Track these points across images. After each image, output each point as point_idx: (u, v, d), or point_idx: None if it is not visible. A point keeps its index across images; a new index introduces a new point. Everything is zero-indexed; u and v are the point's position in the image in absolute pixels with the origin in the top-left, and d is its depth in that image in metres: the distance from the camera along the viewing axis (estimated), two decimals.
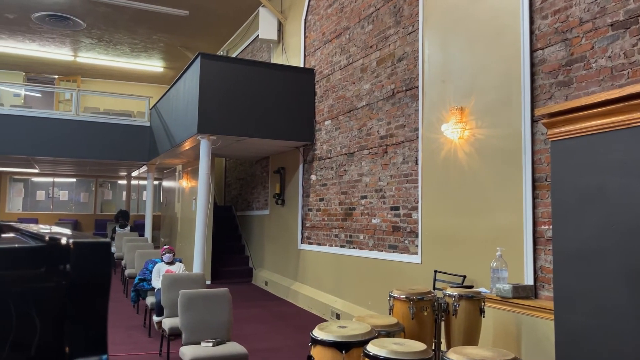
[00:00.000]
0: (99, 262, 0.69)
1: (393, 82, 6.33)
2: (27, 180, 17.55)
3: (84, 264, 0.68)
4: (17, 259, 0.68)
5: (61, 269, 0.69)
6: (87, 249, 0.69)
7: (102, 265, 0.70)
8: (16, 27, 12.20)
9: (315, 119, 8.27)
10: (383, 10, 6.60)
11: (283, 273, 9.27)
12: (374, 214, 6.55)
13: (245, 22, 11.74)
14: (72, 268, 0.68)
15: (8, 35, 12.78)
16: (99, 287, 0.69)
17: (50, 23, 11.85)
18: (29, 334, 0.68)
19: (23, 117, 11.02)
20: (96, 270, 0.69)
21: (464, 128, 5.12)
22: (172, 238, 13.66)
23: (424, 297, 3.59)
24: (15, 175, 17.14)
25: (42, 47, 13.76)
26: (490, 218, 4.71)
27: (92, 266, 0.69)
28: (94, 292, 0.68)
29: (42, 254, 0.69)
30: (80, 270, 0.68)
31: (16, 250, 0.68)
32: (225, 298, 4.53)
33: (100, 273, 0.69)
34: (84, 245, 0.69)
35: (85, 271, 0.68)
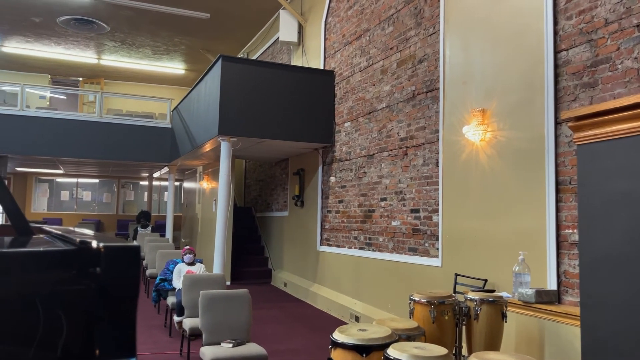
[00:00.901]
0: (128, 266, 0.70)
1: (413, 83, 6.29)
2: (52, 180, 17.90)
3: (114, 268, 0.69)
4: (49, 262, 0.69)
5: (92, 273, 0.70)
6: (118, 253, 0.70)
7: (132, 269, 0.71)
8: (42, 30, 12.46)
9: (335, 121, 8.26)
10: (404, 11, 6.58)
11: (302, 274, 9.28)
12: (393, 216, 6.52)
13: (266, 24, 11.81)
14: (103, 271, 0.69)
15: (34, 38, 13.06)
16: (128, 291, 0.69)
17: (75, 27, 12.07)
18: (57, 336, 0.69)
19: (48, 118, 11.25)
20: (126, 274, 0.70)
21: (486, 130, 5.07)
22: (192, 238, 13.78)
23: (445, 301, 3.56)
24: (40, 176, 17.50)
25: (67, 50, 14.02)
26: (512, 221, 4.65)
27: (122, 270, 0.70)
28: (124, 295, 0.69)
29: (74, 258, 0.70)
30: (110, 274, 0.69)
31: (49, 253, 0.69)
32: (245, 299, 4.55)
33: (130, 277, 0.70)
34: (114, 250, 0.70)
35: (115, 275, 0.69)
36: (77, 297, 0.68)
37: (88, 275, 0.70)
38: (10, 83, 13.60)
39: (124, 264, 0.70)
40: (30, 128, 10.95)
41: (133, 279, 0.71)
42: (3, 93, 13.62)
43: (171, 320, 6.47)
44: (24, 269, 0.68)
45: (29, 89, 12.36)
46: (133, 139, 11.80)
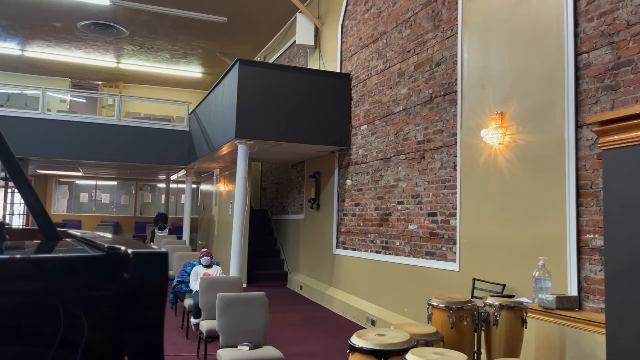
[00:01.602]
0: (157, 272, 0.71)
1: (431, 86, 6.26)
2: (72, 183, 18.17)
3: (142, 274, 0.70)
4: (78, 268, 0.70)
5: (120, 278, 0.70)
6: (146, 259, 0.71)
7: (160, 275, 0.71)
8: (63, 35, 12.67)
9: (351, 124, 8.26)
10: (421, 14, 6.55)
11: (318, 278, 9.27)
12: (410, 220, 6.48)
13: (283, 28, 11.85)
14: (131, 277, 0.69)
15: (55, 43, 13.28)
16: (156, 297, 0.70)
17: (95, 31, 12.25)
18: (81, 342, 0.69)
19: (68, 122, 11.42)
20: (154, 280, 0.70)
21: (505, 133, 5.02)
22: (209, 241, 13.87)
23: (464, 306, 3.52)
24: (60, 178, 17.77)
25: (87, 55, 14.23)
26: (531, 226, 4.59)
27: (150, 276, 0.70)
28: (151, 301, 0.70)
29: (102, 263, 0.71)
30: (138, 280, 0.69)
31: (78, 259, 0.70)
32: (261, 302, 4.56)
33: (158, 283, 0.71)
34: (142, 255, 0.71)
35: (143, 280, 0.70)
36: (104, 303, 0.69)
37: (116, 281, 0.70)
38: (32, 87, 13.85)
39: (152, 270, 0.70)
40: (51, 131, 11.13)
41: (161, 285, 0.71)
42: (25, 96, 13.86)
43: (188, 322, 6.51)
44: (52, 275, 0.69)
45: (49, 93, 12.57)
46: (151, 141, 11.93)
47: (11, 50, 13.81)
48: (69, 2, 10.62)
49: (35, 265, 0.68)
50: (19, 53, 14.04)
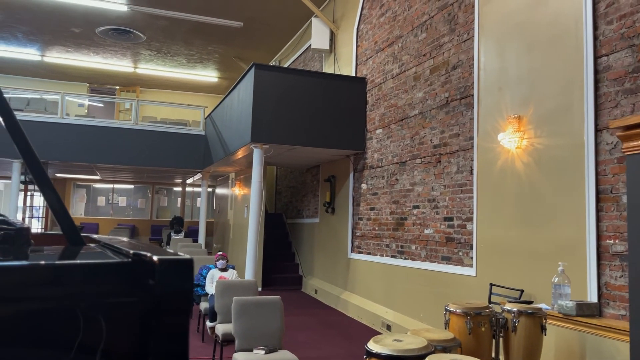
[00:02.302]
0: (182, 279, 0.71)
1: (447, 90, 6.23)
2: (89, 186, 18.40)
3: (168, 280, 0.70)
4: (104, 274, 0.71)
5: (145, 285, 0.71)
6: (172, 266, 0.71)
7: (185, 281, 0.71)
8: (82, 40, 12.85)
9: (367, 128, 8.24)
10: (437, 18, 6.52)
11: (333, 282, 9.26)
12: (426, 224, 6.45)
13: (298, 32, 11.89)
14: (156, 284, 0.70)
15: (74, 48, 13.48)
16: (181, 303, 0.70)
17: (112, 36, 12.42)
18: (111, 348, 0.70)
19: (86, 126, 11.58)
20: (179, 287, 0.71)
21: (522, 137, 4.97)
22: (224, 244, 13.93)
23: (482, 312, 3.49)
24: (78, 181, 18.01)
25: (104, 60, 14.42)
26: (550, 231, 4.53)
27: (175, 282, 0.70)
28: (177, 308, 0.70)
29: (128, 270, 0.72)
30: (164, 286, 0.70)
31: (103, 265, 0.71)
32: (277, 306, 4.56)
33: (183, 289, 0.71)
34: (168, 262, 0.71)
35: (169, 287, 0.70)
36: (129, 309, 0.69)
37: (141, 288, 0.70)
38: (51, 92, 14.07)
39: (178, 277, 0.71)
40: (69, 135, 11.29)
41: (186, 292, 0.71)
42: (44, 101, 14.09)
43: (204, 326, 6.54)
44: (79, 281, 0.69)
45: (68, 98, 12.75)
46: (167, 145, 12.03)
47: (31, 55, 14.05)
48: (87, 8, 10.78)
49: (61, 272, 0.69)
50: (39, 58, 14.28)
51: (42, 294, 0.68)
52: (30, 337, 0.66)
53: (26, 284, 0.68)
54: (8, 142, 10.44)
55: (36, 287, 0.68)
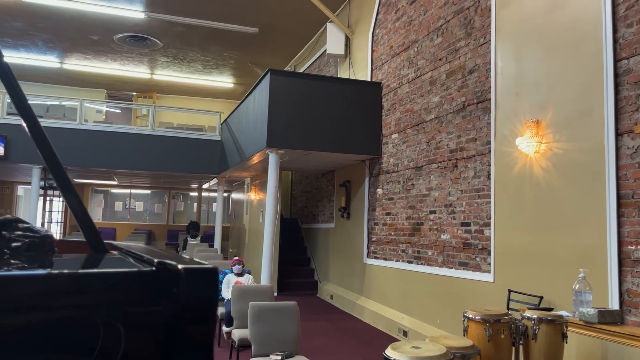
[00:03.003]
0: (207, 288, 0.71)
1: (464, 94, 6.19)
2: (107, 191, 18.61)
3: (193, 290, 0.70)
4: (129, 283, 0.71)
5: (170, 294, 0.71)
6: (197, 275, 0.71)
7: (210, 290, 0.71)
8: (100, 47, 13.04)
9: (382, 133, 8.22)
10: (453, 22, 6.49)
11: (348, 287, 9.22)
12: (443, 230, 6.40)
13: (313, 37, 11.93)
14: (181, 293, 0.69)
15: (93, 55, 13.68)
16: (206, 313, 0.70)
17: (130, 43, 12.57)
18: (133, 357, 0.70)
19: (104, 132, 11.72)
20: (204, 296, 0.70)
21: (540, 142, 4.91)
22: (240, 249, 13.97)
23: (501, 319, 3.44)
24: (96, 187, 18.22)
25: (122, 66, 14.60)
26: (569, 236, 4.47)
27: (200, 292, 0.70)
28: (201, 317, 0.70)
29: (153, 279, 0.72)
30: (189, 296, 0.70)
31: (129, 274, 0.71)
32: (293, 311, 4.56)
33: (208, 298, 0.71)
34: (193, 271, 0.71)
35: (193, 296, 0.70)
36: (153, 318, 0.69)
37: (166, 296, 0.70)
38: (70, 98, 14.28)
39: (203, 286, 0.70)
40: (88, 141, 11.43)
41: (211, 301, 0.71)
42: (63, 108, 14.30)
43: (220, 331, 6.55)
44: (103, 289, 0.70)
45: (87, 104, 12.93)
46: (184, 151, 12.12)
47: (51, 63, 14.28)
48: (106, 16, 10.94)
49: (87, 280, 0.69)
50: (58, 66, 14.51)
51: (67, 303, 0.68)
52: (53, 346, 0.67)
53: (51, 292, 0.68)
54: (28, 149, 10.63)
55: (61, 295, 0.68)
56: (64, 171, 1.17)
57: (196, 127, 14.33)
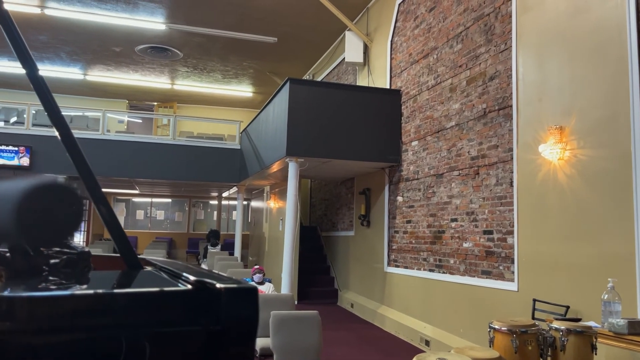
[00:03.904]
0: (248, 308, 0.71)
1: (484, 101, 6.13)
2: (129, 200, 18.85)
3: (234, 309, 0.70)
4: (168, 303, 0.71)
5: (209, 313, 0.71)
6: (237, 295, 0.71)
7: (251, 310, 0.71)
8: (122, 59, 13.27)
9: (402, 140, 8.19)
10: (473, 29, 6.46)
11: (369, 296, 9.17)
12: (465, 238, 6.33)
13: (331, 46, 11.96)
14: (222, 313, 0.69)
15: (115, 67, 13.92)
16: (247, 333, 0.70)
17: (151, 54, 12.77)
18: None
19: (126, 142, 11.90)
20: (245, 316, 0.70)
21: (564, 148, 4.84)
22: (259, 257, 14.01)
23: (528, 330, 3.38)
24: (118, 196, 18.47)
25: (143, 77, 14.83)
26: (596, 245, 4.38)
27: (241, 311, 0.70)
28: (242, 337, 0.69)
29: (192, 298, 0.72)
30: (229, 316, 0.69)
31: (167, 294, 0.71)
32: (315, 320, 4.55)
33: (249, 319, 0.70)
34: (234, 291, 0.71)
35: (234, 316, 0.70)
36: (192, 338, 0.69)
37: (205, 316, 0.70)
38: (93, 109, 14.54)
39: (244, 305, 0.70)
40: (110, 151, 11.61)
41: (253, 321, 0.71)
42: (86, 118, 14.56)
43: None
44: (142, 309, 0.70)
45: (109, 114, 13.15)
46: (204, 160, 12.23)
47: (74, 74, 14.57)
48: (128, 28, 11.14)
49: (125, 300, 0.70)
50: (82, 77, 14.80)
51: (104, 322, 0.69)
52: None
53: (88, 312, 0.69)
54: (53, 159, 10.83)
55: (98, 315, 0.69)
56: (97, 182, 1.19)
57: (216, 136, 14.46)
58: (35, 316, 0.65)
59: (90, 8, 10.24)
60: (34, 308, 0.65)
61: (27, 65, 1.20)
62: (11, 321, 0.65)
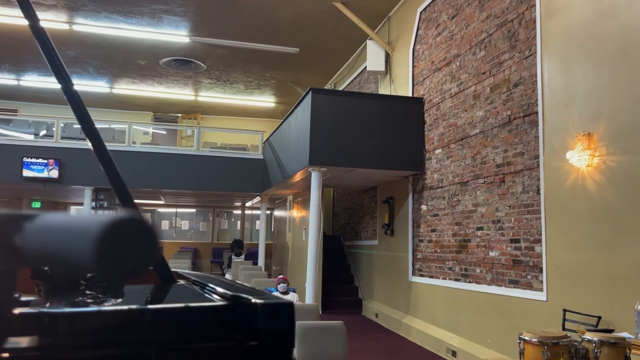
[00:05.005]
0: (284, 324, 0.71)
1: (509, 108, 6.06)
2: (154, 211, 19.10)
3: (271, 325, 0.70)
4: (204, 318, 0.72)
5: (245, 329, 0.71)
6: (274, 310, 0.71)
7: (288, 326, 0.71)
8: (147, 72, 13.52)
9: (425, 148, 8.13)
10: (496, 35, 6.40)
11: (394, 305, 9.09)
12: (491, 247, 6.23)
13: (353, 55, 11.99)
14: (259, 329, 0.70)
15: (140, 79, 14.19)
16: (284, 349, 0.70)
17: (175, 67, 12.98)
18: None
19: (151, 153, 12.08)
20: (282, 332, 0.70)
21: (593, 155, 4.75)
22: (283, 266, 14.02)
23: (560, 342, 3.31)
24: (144, 206, 18.74)
25: (167, 89, 15.08)
26: (628, 253, 4.27)
27: (278, 327, 0.70)
28: (279, 353, 0.70)
29: (228, 313, 0.72)
30: (266, 332, 0.70)
31: (204, 309, 0.72)
32: (340, 331, 4.52)
33: (286, 334, 0.71)
34: (271, 307, 0.71)
35: (271, 332, 0.70)
36: (228, 354, 0.70)
37: (240, 332, 0.71)
38: (119, 121, 14.83)
39: (281, 322, 0.70)
40: (136, 162, 11.80)
41: (289, 337, 0.71)
42: (112, 130, 14.85)
43: None
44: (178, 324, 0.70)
45: (135, 126, 13.38)
46: (227, 170, 12.34)
47: (101, 88, 14.89)
48: (152, 41, 11.35)
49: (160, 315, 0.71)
50: (108, 90, 15.11)
51: (140, 338, 0.69)
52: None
53: (128, 326, 0.70)
54: (81, 171, 11.06)
55: (134, 330, 0.70)
56: (129, 193, 1.21)
57: (239, 146, 14.58)
58: (76, 331, 0.66)
59: (117, 23, 10.47)
60: (75, 323, 0.67)
61: (62, 80, 1.23)
62: (52, 337, 0.66)
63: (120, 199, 1.19)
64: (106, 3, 9.63)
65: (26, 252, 0.55)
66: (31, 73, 13.82)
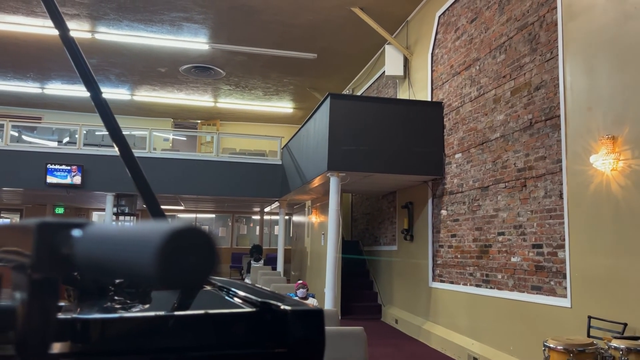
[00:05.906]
0: (315, 331, 0.71)
1: (530, 111, 5.99)
2: (174, 216, 19.27)
3: (301, 333, 0.70)
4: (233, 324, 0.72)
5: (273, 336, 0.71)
6: (304, 317, 0.71)
7: (318, 334, 0.71)
8: (167, 79, 13.69)
9: (445, 153, 8.07)
10: (516, 38, 6.34)
11: (413, 311, 9.01)
12: (513, 252, 6.15)
13: (371, 60, 11.98)
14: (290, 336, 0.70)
15: (160, 87, 14.38)
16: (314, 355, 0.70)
17: (195, 74, 13.13)
18: None
19: (171, 159, 12.21)
20: (313, 339, 0.70)
21: (617, 159, 4.66)
22: (302, 272, 14.02)
23: (586, 349, 3.24)
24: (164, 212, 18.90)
25: (187, 96, 15.24)
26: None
27: (309, 335, 0.70)
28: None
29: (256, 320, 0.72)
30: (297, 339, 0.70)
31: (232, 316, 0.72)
32: (361, 337, 4.50)
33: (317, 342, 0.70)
34: (301, 313, 0.71)
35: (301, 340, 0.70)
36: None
37: (269, 339, 0.71)
38: (140, 128, 15.03)
39: (311, 329, 0.70)
40: (157, 168, 11.93)
41: (319, 344, 0.71)
42: (133, 137, 15.05)
43: None
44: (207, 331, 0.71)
45: (155, 133, 13.55)
46: (246, 176, 12.40)
47: (122, 95, 15.12)
48: (173, 49, 11.50)
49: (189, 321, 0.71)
50: (129, 97, 15.34)
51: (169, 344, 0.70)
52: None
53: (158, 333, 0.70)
54: (103, 177, 11.23)
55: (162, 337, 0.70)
56: (155, 198, 1.22)
57: (258, 152, 14.66)
58: (107, 338, 0.67)
59: (138, 31, 10.64)
60: (106, 329, 0.67)
61: (91, 88, 1.25)
62: (84, 342, 0.67)
63: (146, 203, 1.21)
64: (128, 12, 9.79)
65: (76, 260, 0.56)
66: (55, 81, 14.10)
